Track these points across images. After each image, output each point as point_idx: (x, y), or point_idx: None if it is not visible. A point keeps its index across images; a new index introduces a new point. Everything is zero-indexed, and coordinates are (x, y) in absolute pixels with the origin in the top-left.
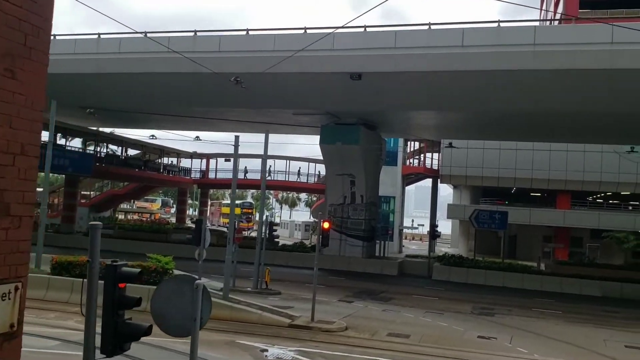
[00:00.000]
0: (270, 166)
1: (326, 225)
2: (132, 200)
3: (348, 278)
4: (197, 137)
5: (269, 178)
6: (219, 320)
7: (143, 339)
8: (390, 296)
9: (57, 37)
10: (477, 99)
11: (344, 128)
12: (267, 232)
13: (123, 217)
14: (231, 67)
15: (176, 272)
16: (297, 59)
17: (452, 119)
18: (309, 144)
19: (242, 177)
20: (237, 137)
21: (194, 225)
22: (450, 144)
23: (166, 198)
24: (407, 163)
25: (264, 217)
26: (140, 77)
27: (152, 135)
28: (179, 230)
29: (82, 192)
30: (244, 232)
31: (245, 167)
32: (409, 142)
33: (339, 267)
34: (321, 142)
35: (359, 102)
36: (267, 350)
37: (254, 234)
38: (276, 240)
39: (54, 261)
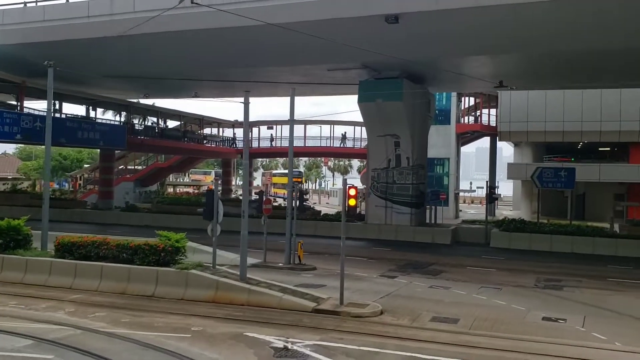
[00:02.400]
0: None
1: (352, 191)
2: (184, 173)
3: (394, 249)
4: (195, 93)
5: (314, 144)
6: (233, 305)
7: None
8: (440, 269)
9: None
10: (540, 38)
11: (385, 82)
12: (299, 201)
13: (172, 190)
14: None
15: (194, 245)
16: (328, 3)
17: (509, 66)
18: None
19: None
20: (247, 94)
21: (257, 195)
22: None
23: (220, 170)
24: (462, 121)
25: (299, 186)
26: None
27: (195, 94)
28: (226, 202)
29: (129, 167)
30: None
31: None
32: (462, 98)
33: (385, 237)
34: (360, 100)
35: (399, 50)
36: (279, 348)
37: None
38: (313, 207)
39: (57, 242)
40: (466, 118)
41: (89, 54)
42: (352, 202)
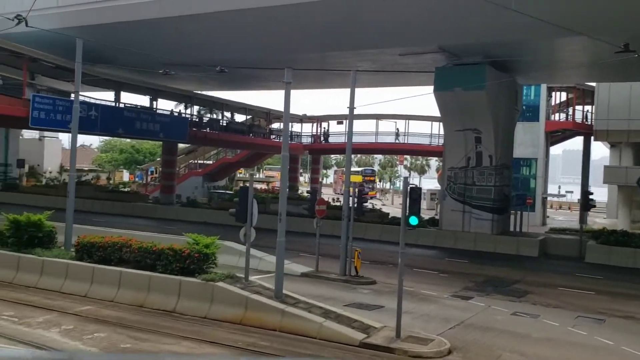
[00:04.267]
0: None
1: (415, 194)
2: (256, 169)
3: (471, 261)
4: (222, 68)
5: (388, 140)
6: (263, 330)
7: None
8: (525, 289)
9: None
10: None
11: (465, 69)
12: (356, 201)
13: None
14: None
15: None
16: None
17: (612, 52)
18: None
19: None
20: (288, 70)
21: (309, 195)
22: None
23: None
24: (552, 118)
25: (354, 186)
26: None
27: (222, 69)
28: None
29: (199, 161)
30: (368, 201)
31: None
32: (553, 93)
33: (462, 246)
34: (436, 89)
35: (481, 30)
36: None
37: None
38: (380, 209)
39: (76, 242)
40: (557, 115)
41: (149, 40)
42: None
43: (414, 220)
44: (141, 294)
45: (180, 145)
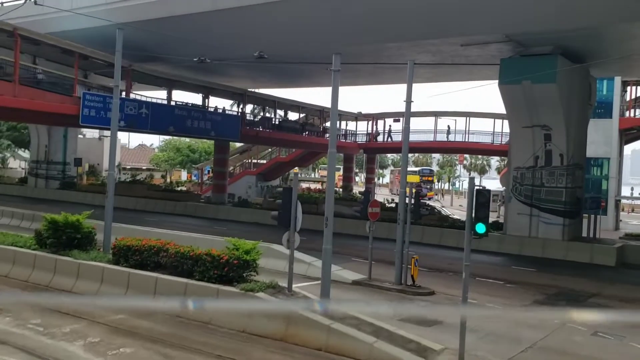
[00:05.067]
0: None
1: (482, 197)
2: (309, 168)
3: (540, 270)
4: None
5: (441, 139)
6: (306, 350)
7: None
8: (604, 303)
9: None
10: None
11: (534, 60)
12: (413, 203)
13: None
14: None
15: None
16: None
17: None
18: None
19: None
20: (336, 56)
21: (361, 195)
22: None
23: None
24: (626, 114)
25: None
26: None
27: (261, 54)
28: (337, 200)
29: (254, 161)
30: (427, 202)
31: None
32: (628, 87)
33: (529, 253)
34: (501, 82)
35: (553, 16)
36: None
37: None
38: (439, 211)
39: (113, 245)
40: (632, 111)
41: (197, 36)
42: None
43: (481, 228)
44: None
45: (236, 144)
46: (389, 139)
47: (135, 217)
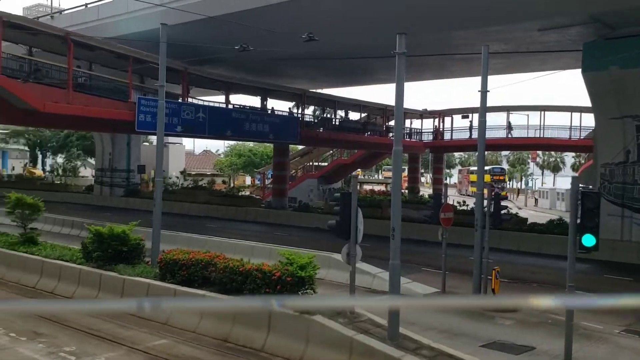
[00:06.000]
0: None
1: (591, 201)
2: (371, 169)
3: (638, 279)
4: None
5: (519, 134)
6: None
7: None
8: None
9: None
10: None
11: (623, 43)
12: (493, 206)
13: (358, 188)
14: None
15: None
16: None
17: None
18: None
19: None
20: (402, 36)
21: (430, 199)
22: None
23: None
24: None
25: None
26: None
27: (310, 36)
28: (403, 203)
29: (315, 163)
30: (507, 206)
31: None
32: None
33: (621, 259)
34: (585, 70)
35: None
36: None
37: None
38: (516, 214)
39: (159, 259)
40: None
41: (253, 35)
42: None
43: (589, 241)
44: (225, 325)
45: (297, 147)
46: (469, 136)
47: (195, 224)
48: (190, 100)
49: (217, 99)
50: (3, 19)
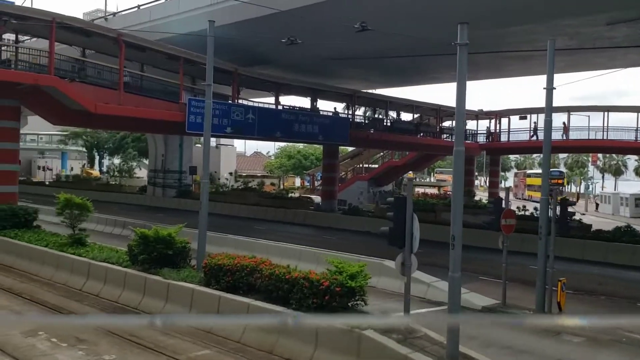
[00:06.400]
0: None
1: None
2: (423, 172)
3: None
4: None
5: (579, 136)
6: None
7: None
8: None
9: None
10: None
11: None
12: (558, 212)
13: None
14: None
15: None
16: None
17: None
18: None
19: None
20: (463, 26)
21: (490, 204)
22: None
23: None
24: None
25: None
26: None
27: (363, 26)
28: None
29: (366, 165)
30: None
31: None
32: None
33: None
34: None
35: None
36: None
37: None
38: (580, 220)
39: (204, 263)
40: None
41: (305, 34)
42: None
43: None
44: (271, 336)
45: (347, 149)
46: (535, 137)
47: (244, 226)
48: (240, 101)
49: (267, 100)
50: (56, 21)
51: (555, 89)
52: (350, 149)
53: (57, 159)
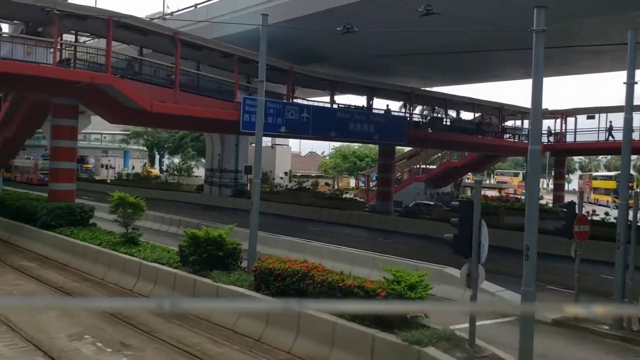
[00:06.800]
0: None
1: None
2: (484, 173)
3: None
4: None
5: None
6: None
7: None
8: None
9: None
10: None
11: None
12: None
13: (469, 193)
14: None
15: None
16: None
17: None
18: None
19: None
20: (541, 10)
21: (560, 208)
22: None
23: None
24: None
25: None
26: None
27: (428, 9)
28: (518, 211)
29: (423, 166)
30: None
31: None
32: None
33: None
34: None
35: None
36: None
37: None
38: None
39: (254, 267)
40: None
41: (362, 29)
42: None
43: None
44: (323, 347)
45: (403, 149)
46: (610, 138)
47: (297, 226)
48: (295, 100)
49: (322, 100)
50: (113, 19)
51: (637, 83)
52: (406, 149)
53: (120, 157)
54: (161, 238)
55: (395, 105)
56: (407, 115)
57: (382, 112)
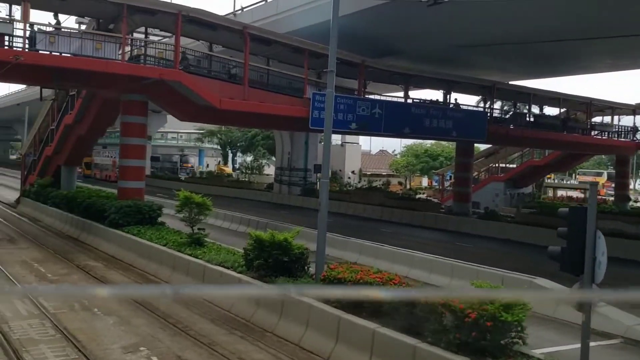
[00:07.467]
0: None
1: None
2: (567, 173)
3: None
4: None
5: None
6: None
7: None
8: None
9: None
10: None
11: None
12: None
13: (551, 194)
14: None
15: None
16: None
17: None
18: None
19: None
20: None
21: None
22: None
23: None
24: None
25: None
26: None
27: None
28: (611, 214)
29: (502, 165)
30: None
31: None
32: None
33: None
34: None
35: None
36: None
37: None
38: None
39: (322, 275)
40: None
41: (436, 21)
42: None
43: None
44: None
45: (480, 147)
46: None
47: (368, 227)
48: (367, 96)
49: (395, 95)
50: (182, 14)
51: None
52: (483, 147)
53: (195, 155)
54: (230, 237)
55: (467, 100)
56: (487, 110)
57: (460, 107)
